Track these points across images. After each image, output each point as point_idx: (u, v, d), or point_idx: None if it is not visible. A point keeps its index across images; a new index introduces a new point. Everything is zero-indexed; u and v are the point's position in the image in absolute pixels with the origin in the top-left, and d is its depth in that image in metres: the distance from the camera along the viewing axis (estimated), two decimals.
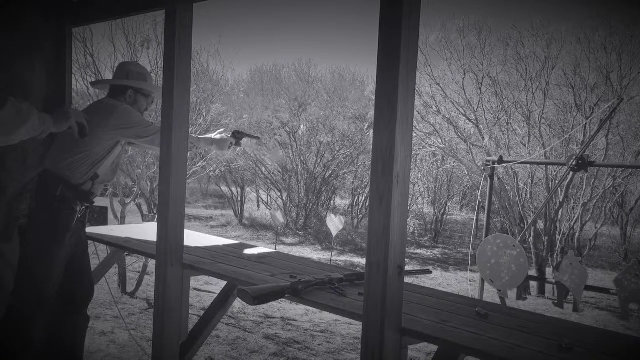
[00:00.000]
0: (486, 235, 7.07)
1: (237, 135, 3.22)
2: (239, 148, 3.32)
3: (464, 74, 11.14)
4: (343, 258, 11.30)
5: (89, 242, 3.61)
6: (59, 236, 2.73)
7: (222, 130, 3.27)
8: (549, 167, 9.52)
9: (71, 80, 3.28)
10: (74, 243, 2.88)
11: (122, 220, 7.04)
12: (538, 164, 9.52)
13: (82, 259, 3.06)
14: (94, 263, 4.03)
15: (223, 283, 2.83)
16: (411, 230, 14.53)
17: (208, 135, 3.21)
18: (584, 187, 9.79)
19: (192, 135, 3.12)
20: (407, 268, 1.87)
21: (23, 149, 2.89)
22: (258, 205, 18.19)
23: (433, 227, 15.13)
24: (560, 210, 9.73)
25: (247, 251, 3.20)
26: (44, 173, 2.78)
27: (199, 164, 9.18)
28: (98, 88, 3.44)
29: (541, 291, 9.26)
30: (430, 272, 2.96)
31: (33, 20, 2.99)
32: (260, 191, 16.81)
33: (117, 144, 2.89)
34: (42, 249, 2.72)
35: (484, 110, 10.95)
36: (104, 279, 3.94)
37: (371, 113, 13.74)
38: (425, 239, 14.59)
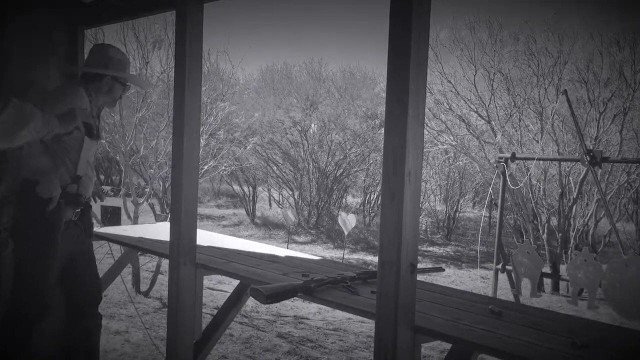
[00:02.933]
0: (499, 233, 7.03)
1: None
2: None
3: (475, 71, 11.09)
4: (355, 256, 11.30)
5: (104, 242, 3.63)
6: (49, 237, 2.66)
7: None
8: (562, 163, 9.44)
9: None
10: (72, 243, 2.81)
11: (135, 220, 7.08)
12: (551, 160, 9.46)
13: (85, 264, 2.99)
14: (108, 263, 4.06)
15: (236, 282, 2.84)
16: (423, 228, 14.48)
17: None
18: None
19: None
20: (419, 266, 1.87)
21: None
22: (270, 204, 18.22)
23: (445, 224, 15.07)
24: (574, 207, 9.66)
25: (260, 250, 3.21)
26: (24, 182, 2.65)
27: (211, 163, 9.22)
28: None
29: (555, 288, 9.19)
30: (443, 270, 2.95)
31: (48, 23, 3.01)
32: (272, 190, 16.83)
33: (84, 139, 2.73)
34: (37, 255, 2.65)
35: (496, 107, 10.88)
36: (118, 278, 3.96)
37: (382, 110, 13.71)
38: (438, 236, 14.54)
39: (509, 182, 7.20)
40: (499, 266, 6.70)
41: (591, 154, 5.93)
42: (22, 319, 2.68)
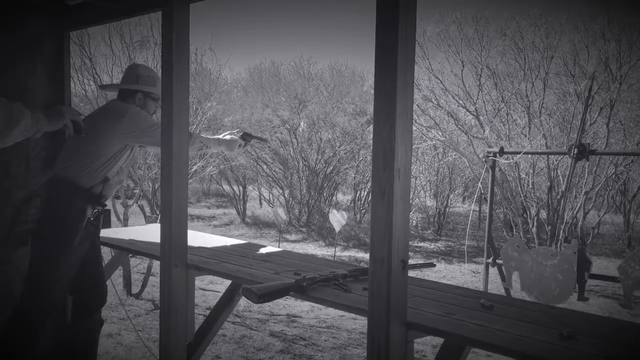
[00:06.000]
0: (489, 227, 7.07)
1: (246, 138, 3.28)
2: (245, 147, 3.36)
3: (463, 66, 11.13)
4: (347, 253, 11.31)
5: None
6: (67, 240, 2.73)
7: (235, 131, 3.29)
8: (550, 156, 9.51)
9: (70, 82, 3.29)
10: (86, 247, 2.88)
11: (125, 222, 7.05)
12: (539, 154, 9.52)
13: (94, 264, 3.05)
14: None
15: (228, 282, 2.84)
16: (414, 224, 14.52)
17: (218, 136, 3.23)
18: (586, 175, 9.79)
19: (203, 135, 3.17)
20: (411, 262, 1.88)
21: (26, 154, 2.90)
22: (260, 203, 18.19)
23: (436, 220, 15.11)
24: (563, 200, 9.73)
25: (251, 249, 3.21)
26: (53, 178, 2.78)
27: (199, 163, 9.19)
28: (107, 91, 3.48)
29: None
30: (434, 266, 2.97)
31: (34, 24, 2.99)
32: (262, 189, 16.82)
33: (126, 147, 2.89)
34: (51, 253, 2.72)
35: (484, 102, 10.93)
36: (109, 281, 3.94)
37: (370, 107, 13.72)
38: (429, 232, 14.58)
39: (496, 174, 7.23)
40: (490, 260, 6.73)
41: (580, 149, 5.97)
42: (28, 318, 2.70)
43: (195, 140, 2.98)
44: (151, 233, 3.60)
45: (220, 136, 3.23)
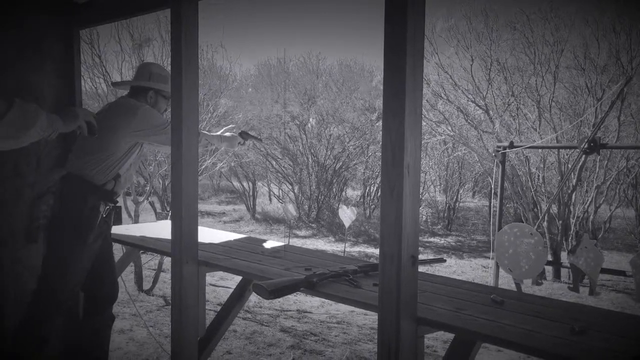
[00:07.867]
0: (499, 222, 7.05)
1: (244, 136, 3.39)
2: (245, 145, 3.46)
3: (472, 61, 11.07)
4: (356, 249, 11.32)
5: None
6: (81, 236, 2.74)
7: (231, 127, 3.34)
8: (560, 150, 9.45)
9: (80, 81, 3.30)
10: (99, 245, 2.89)
11: (135, 219, 7.09)
12: (549, 148, 9.46)
13: (106, 261, 3.07)
14: None
15: (238, 278, 2.85)
16: (424, 219, 14.50)
17: (219, 133, 3.27)
18: (597, 169, 9.72)
19: (206, 132, 3.20)
20: (421, 257, 1.88)
21: (37, 153, 2.91)
22: (270, 199, 18.22)
23: (446, 215, 15.09)
24: (574, 194, 9.67)
25: (261, 245, 3.22)
26: (67, 175, 2.80)
27: (209, 160, 9.22)
28: (119, 88, 3.50)
29: (557, 276, 9.23)
30: (445, 261, 2.97)
31: (41, 23, 3.00)
32: (272, 185, 16.85)
33: (136, 144, 2.91)
34: (65, 250, 2.74)
35: (494, 96, 10.87)
36: (120, 277, 3.98)
37: (380, 103, 13.69)
38: (439, 227, 14.55)
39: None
40: None
41: (591, 143, 5.93)
42: (40, 315, 2.73)
43: (201, 139, 3.03)
44: (162, 230, 3.62)
45: (219, 132, 3.28)
